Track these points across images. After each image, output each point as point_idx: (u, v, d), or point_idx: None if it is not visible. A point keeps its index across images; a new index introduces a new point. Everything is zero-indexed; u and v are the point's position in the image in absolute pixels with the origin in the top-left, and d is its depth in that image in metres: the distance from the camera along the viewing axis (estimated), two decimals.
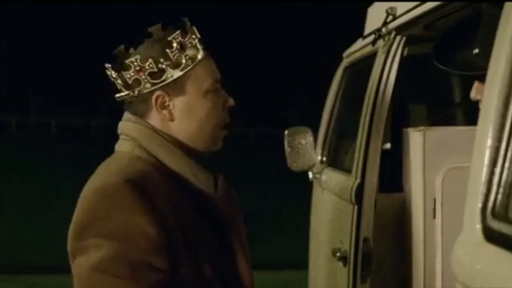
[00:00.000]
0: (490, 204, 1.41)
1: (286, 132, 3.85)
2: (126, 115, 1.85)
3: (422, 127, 2.90)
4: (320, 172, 3.86)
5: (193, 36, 1.80)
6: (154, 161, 1.76)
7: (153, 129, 1.79)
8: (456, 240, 1.52)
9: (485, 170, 1.44)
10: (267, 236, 9.43)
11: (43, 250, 8.90)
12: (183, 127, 1.80)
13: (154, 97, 1.77)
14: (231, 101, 1.87)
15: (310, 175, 4.00)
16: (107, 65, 1.79)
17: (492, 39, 1.55)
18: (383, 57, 2.96)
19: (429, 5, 2.58)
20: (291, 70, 32.33)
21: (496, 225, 1.37)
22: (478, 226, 1.42)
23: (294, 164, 3.87)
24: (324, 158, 4.02)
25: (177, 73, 1.76)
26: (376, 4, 3.44)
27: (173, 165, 1.76)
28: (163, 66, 1.75)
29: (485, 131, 1.47)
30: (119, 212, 1.62)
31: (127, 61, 1.74)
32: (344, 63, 3.99)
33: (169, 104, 1.78)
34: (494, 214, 1.39)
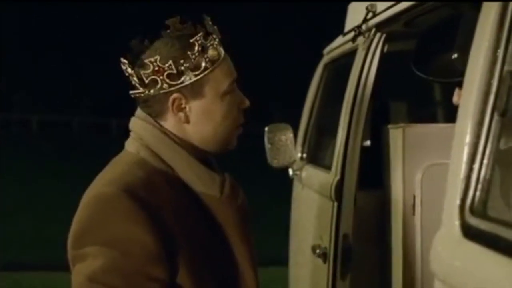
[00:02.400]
0: (468, 201, 1.41)
1: (266, 128, 3.83)
2: (138, 111, 1.81)
3: (402, 124, 2.91)
4: (300, 169, 3.86)
5: (214, 37, 1.75)
6: (160, 164, 1.72)
7: (161, 129, 1.74)
8: (435, 236, 1.52)
9: (463, 167, 1.44)
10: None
11: (26, 248, 8.83)
12: (197, 129, 1.76)
13: (171, 99, 1.72)
14: (246, 102, 1.83)
15: (290, 172, 4.00)
16: (123, 61, 1.73)
17: (471, 44, 1.54)
18: (363, 54, 2.96)
19: (409, 3, 2.58)
20: (271, 66, 32.36)
21: (474, 221, 1.37)
22: (457, 222, 1.42)
23: (275, 160, 3.86)
24: (305, 155, 4.02)
25: (196, 76, 1.71)
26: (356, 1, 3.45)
27: (178, 167, 1.72)
28: (183, 68, 1.69)
29: (464, 127, 1.47)
30: (116, 221, 1.60)
31: (146, 61, 1.68)
32: (325, 59, 3.99)
33: (185, 106, 1.73)
34: (472, 210, 1.40)
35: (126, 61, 1.74)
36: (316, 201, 3.36)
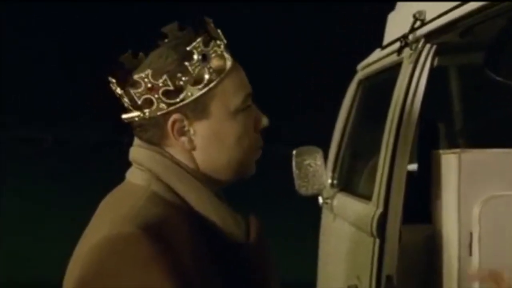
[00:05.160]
0: None
1: (294, 152, 3.45)
2: (137, 140, 1.47)
3: (456, 149, 2.52)
4: (332, 197, 3.48)
5: (218, 43, 1.41)
6: (175, 199, 1.39)
7: (173, 159, 1.41)
8: None
9: None
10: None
11: None
12: (206, 157, 1.42)
13: (170, 121, 1.38)
14: (264, 121, 1.48)
15: (320, 200, 3.62)
16: (111, 79, 1.40)
17: None
18: (409, 68, 2.60)
19: (468, 7, 2.21)
20: (300, 83, 32.04)
21: None
22: None
23: (303, 188, 3.47)
24: (335, 181, 3.64)
25: (199, 91, 1.38)
26: (398, 8, 3.08)
27: (198, 205, 1.39)
28: (181, 82, 1.36)
29: None
30: (133, 268, 1.27)
31: (136, 77, 1.37)
32: (359, 76, 3.62)
33: (188, 129, 1.40)
34: None
35: (114, 80, 1.40)
36: (351, 235, 2.98)
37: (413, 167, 2.81)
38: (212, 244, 1.38)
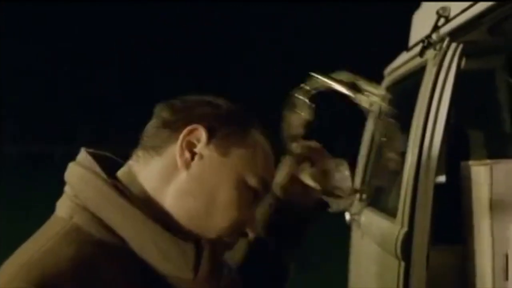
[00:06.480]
0: None
1: None
2: (82, 153, 1.21)
3: (488, 160, 2.25)
4: (359, 213, 3.22)
5: None
6: (102, 234, 1.13)
7: (112, 182, 1.15)
8: None
9: None
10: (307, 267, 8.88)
11: None
12: (190, 190, 1.18)
13: (190, 127, 1.17)
14: (252, 229, 1.23)
15: (347, 216, 3.37)
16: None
17: None
18: (434, 70, 2.35)
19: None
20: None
21: None
22: None
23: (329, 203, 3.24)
24: (364, 195, 3.37)
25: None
26: (423, 8, 2.83)
27: (131, 238, 1.13)
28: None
29: None
30: None
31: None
32: (386, 81, 3.36)
33: (198, 151, 1.18)
34: None
35: None
36: (378, 255, 2.73)
37: (442, 179, 2.55)
38: (150, 287, 1.13)
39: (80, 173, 1.17)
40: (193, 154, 1.17)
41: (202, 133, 1.17)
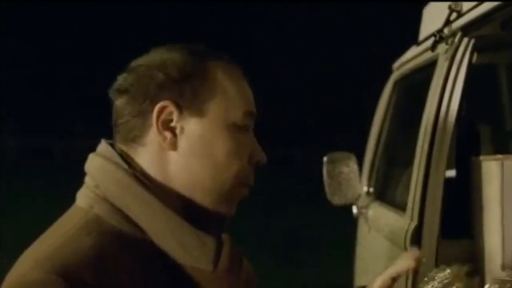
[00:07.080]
0: None
1: (325, 158, 3.21)
2: (102, 144, 1.22)
3: (498, 156, 2.24)
4: (366, 207, 3.22)
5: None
6: (123, 224, 1.12)
7: (128, 171, 1.15)
8: None
9: None
10: (311, 262, 8.85)
11: None
12: (187, 165, 1.16)
13: (157, 107, 1.15)
14: (262, 156, 1.23)
15: (355, 209, 3.37)
16: None
17: None
18: (445, 65, 2.33)
19: None
20: (332, 84, 31.66)
21: None
22: None
23: (335, 197, 3.25)
24: (371, 190, 3.38)
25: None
26: (434, 1, 2.81)
27: (150, 228, 1.13)
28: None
29: None
30: None
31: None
32: (395, 76, 3.35)
33: (176, 125, 1.16)
34: None
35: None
36: (386, 249, 2.72)
37: (452, 174, 2.54)
38: (170, 282, 1.12)
39: (101, 163, 1.17)
40: (173, 130, 1.16)
41: (171, 108, 1.15)
